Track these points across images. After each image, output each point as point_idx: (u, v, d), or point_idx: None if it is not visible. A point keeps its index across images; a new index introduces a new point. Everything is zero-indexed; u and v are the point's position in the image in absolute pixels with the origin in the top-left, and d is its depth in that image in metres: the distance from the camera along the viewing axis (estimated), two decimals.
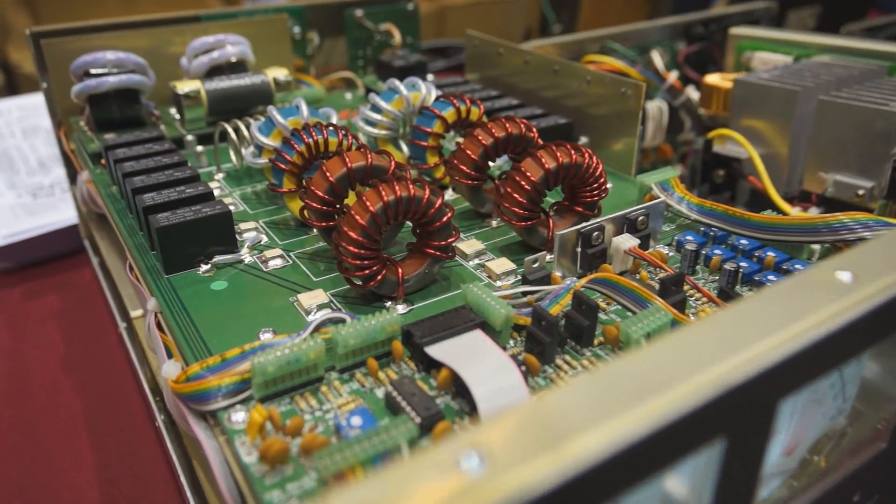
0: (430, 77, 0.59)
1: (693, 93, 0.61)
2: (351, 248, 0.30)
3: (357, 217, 0.29)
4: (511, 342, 0.29)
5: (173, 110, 0.52)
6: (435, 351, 0.26)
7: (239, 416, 0.24)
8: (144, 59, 0.50)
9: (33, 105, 0.74)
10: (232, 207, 0.40)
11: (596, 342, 0.28)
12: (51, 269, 0.58)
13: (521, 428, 0.15)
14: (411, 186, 0.30)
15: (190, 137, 0.48)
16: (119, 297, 0.47)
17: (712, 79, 0.54)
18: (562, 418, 0.15)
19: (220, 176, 0.45)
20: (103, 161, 0.44)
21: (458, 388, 0.25)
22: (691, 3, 1.00)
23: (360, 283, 0.31)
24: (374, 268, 0.30)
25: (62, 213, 0.59)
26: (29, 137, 0.71)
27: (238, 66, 0.52)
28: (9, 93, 1.03)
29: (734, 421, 0.17)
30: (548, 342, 0.27)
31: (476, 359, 0.25)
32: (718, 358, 0.17)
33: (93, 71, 0.47)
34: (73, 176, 0.54)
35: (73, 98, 0.48)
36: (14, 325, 0.51)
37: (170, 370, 0.27)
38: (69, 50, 0.50)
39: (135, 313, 0.44)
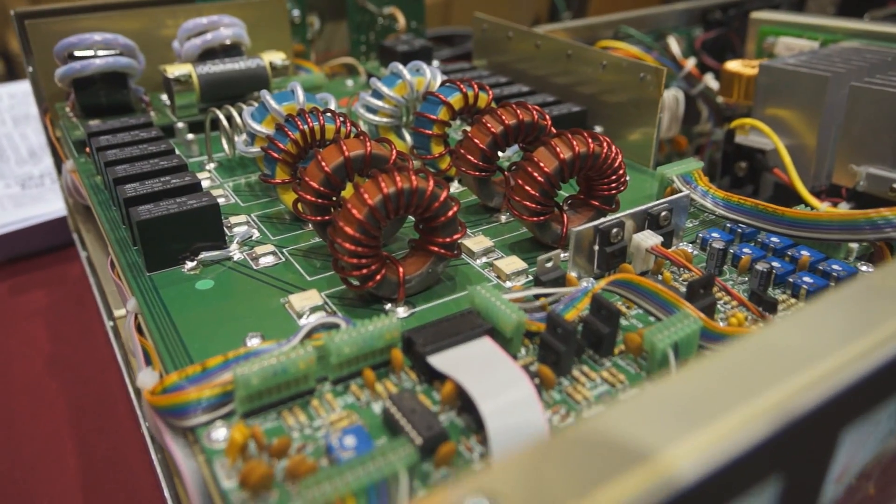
0: (435, 63, 0.57)
1: (711, 81, 0.58)
2: (347, 245, 0.27)
3: (354, 211, 0.27)
4: (523, 350, 0.26)
5: (164, 96, 0.49)
6: (438, 361, 0.23)
7: (219, 434, 0.22)
8: (134, 42, 0.47)
9: (25, 92, 0.71)
10: (222, 200, 0.38)
11: (616, 351, 0.26)
12: (39, 262, 0.56)
13: (541, 471, 0.12)
14: (414, 177, 0.27)
15: (181, 125, 0.45)
16: (106, 294, 0.44)
17: (733, 65, 0.51)
18: (588, 460, 0.13)
19: (211, 166, 0.42)
20: (88, 149, 0.42)
21: (465, 402, 0.23)
22: None
23: (357, 283, 0.28)
24: (373, 267, 0.28)
25: (51, 204, 0.57)
26: (20, 125, 0.68)
27: (232, 50, 0.49)
28: (8, 81, 1.01)
29: (792, 456, 0.15)
30: (564, 351, 0.24)
31: (484, 370, 0.23)
32: (775, 382, 0.14)
33: (78, 53, 0.45)
34: (60, 165, 0.51)
35: (56, 82, 0.45)
36: None
37: (146, 380, 0.24)
38: (55, 32, 0.47)
39: (119, 312, 0.41)
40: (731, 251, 0.32)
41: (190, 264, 0.31)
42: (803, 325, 0.16)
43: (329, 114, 0.35)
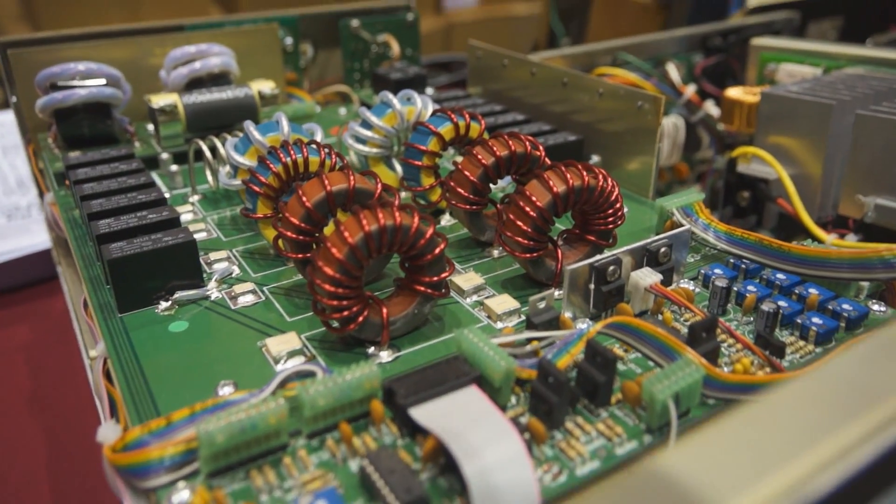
0: (429, 91, 0.55)
1: (712, 108, 0.57)
2: (326, 287, 0.25)
3: (334, 250, 0.25)
4: (514, 399, 0.24)
5: (151, 127, 0.48)
6: (421, 414, 0.22)
7: (182, 497, 0.20)
8: (121, 71, 0.46)
9: (14, 122, 0.70)
10: (203, 234, 0.36)
11: (614, 400, 0.24)
12: (23, 296, 0.54)
13: None
14: (397, 213, 0.26)
15: (165, 156, 0.44)
16: (83, 331, 0.43)
17: (734, 92, 0.50)
18: None
19: (195, 198, 0.41)
20: (68, 182, 0.40)
21: (449, 459, 0.21)
22: (707, 13, 0.97)
23: (337, 325, 0.26)
24: (354, 308, 0.26)
25: (37, 236, 0.55)
26: (9, 155, 0.67)
27: (220, 79, 0.48)
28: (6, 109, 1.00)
29: None
30: (556, 402, 0.22)
31: (469, 424, 0.21)
32: (787, 461, 0.12)
33: (60, 83, 0.43)
34: (43, 197, 0.50)
35: (38, 113, 0.44)
36: None
37: (106, 434, 0.22)
38: (40, 61, 0.46)
39: (94, 353, 0.40)
40: (735, 289, 0.30)
41: (164, 304, 0.30)
42: (817, 391, 0.14)
43: (314, 145, 0.33)
